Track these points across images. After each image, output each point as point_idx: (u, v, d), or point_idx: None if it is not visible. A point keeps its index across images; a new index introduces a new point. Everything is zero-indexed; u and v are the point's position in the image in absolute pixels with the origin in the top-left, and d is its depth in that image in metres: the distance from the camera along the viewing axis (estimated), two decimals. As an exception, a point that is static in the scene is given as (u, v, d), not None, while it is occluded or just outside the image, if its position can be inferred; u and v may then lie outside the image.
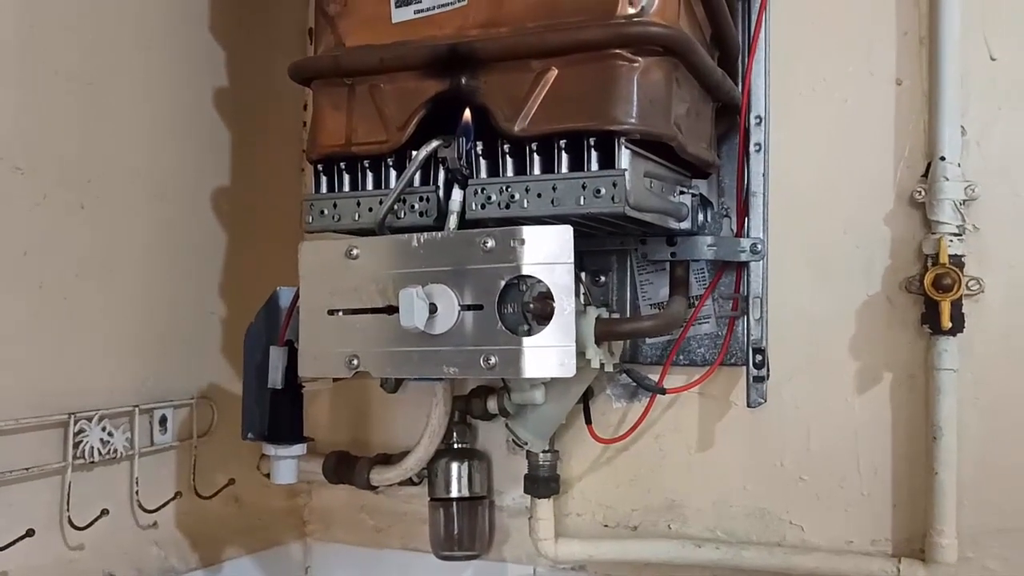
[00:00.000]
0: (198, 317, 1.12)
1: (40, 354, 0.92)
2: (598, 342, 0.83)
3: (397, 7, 0.88)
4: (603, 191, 0.78)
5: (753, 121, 0.99)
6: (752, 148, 0.99)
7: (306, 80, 0.93)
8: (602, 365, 0.86)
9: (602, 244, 1.02)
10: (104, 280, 0.99)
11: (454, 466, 1.12)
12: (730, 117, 1.00)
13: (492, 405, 1.08)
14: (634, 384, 1.07)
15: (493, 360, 0.77)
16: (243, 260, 1.17)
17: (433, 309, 0.77)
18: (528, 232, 0.76)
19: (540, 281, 0.76)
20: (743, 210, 1.00)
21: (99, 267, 0.98)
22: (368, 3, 0.88)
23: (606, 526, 1.11)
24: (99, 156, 0.98)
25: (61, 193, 0.94)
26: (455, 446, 1.13)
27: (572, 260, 0.76)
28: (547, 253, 0.76)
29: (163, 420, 1.05)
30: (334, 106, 0.90)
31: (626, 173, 0.77)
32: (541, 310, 0.76)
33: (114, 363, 1.00)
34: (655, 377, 1.01)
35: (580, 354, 0.82)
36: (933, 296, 0.91)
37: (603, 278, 1.08)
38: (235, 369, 1.14)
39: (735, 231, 1.02)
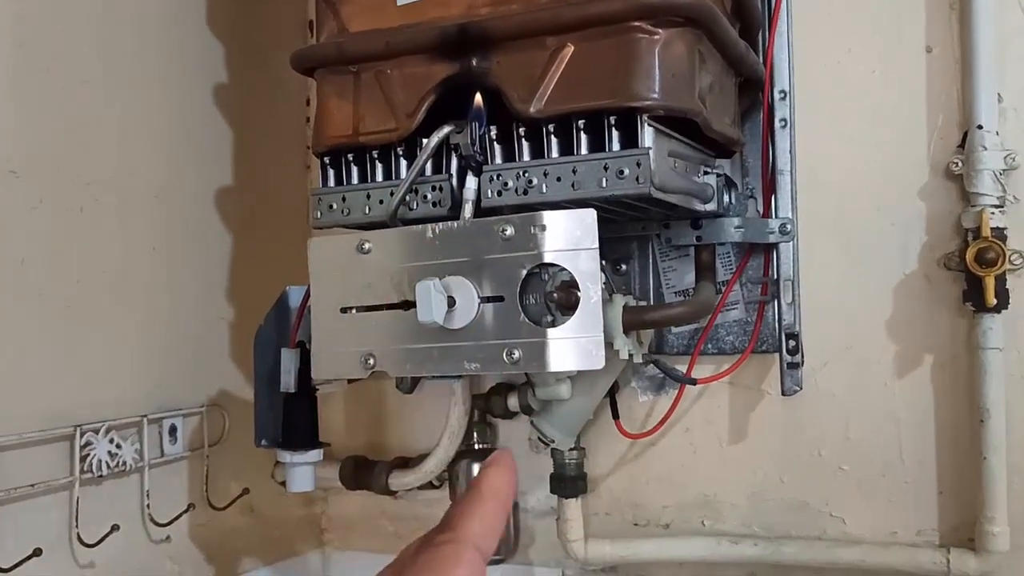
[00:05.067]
0: (205, 321, 1.08)
1: (42, 365, 0.88)
2: (626, 331, 0.79)
3: (402, -12, 0.84)
4: (627, 172, 0.74)
5: (777, 96, 0.95)
6: (777, 124, 0.95)
7: (309, 69, 0.88)
8: (631, 356, 0.81)
9: (622, 230, 0.98)
10: (107, 286, 0.95)
11: (476, 467, 1.08)
12: (752, 93, 0.95)
13: (513, 403, 1.04)
14: (661, 376, 1.03)
15: (517, 354, 0.72)
16: (250, 261, 1.13)
17: (451, 302, 0.73)
18: (549, 217, 0.72)
19: (563, 269, 0.72)
20: (769, 190, 0.96)
21: (101, 273, 0.94)
22: (372, -14, 0.85)
23: (636, 525, 1.07)
24: (97, 157, 0.94)
25: (58, 196, 0.90)
26: (476, 447, 1.09)
27: (597, 245, 0.71)
28: (570, 239, 0.72)
29: (173, 430, 1.01)
30: (339, 95, 0.86)
31: (650, 152, 0.73)
32: (565, 300, 0.72)
33: (120, 372, 0.96)
34: (682, 368, 0.97)
35: (608, 344, 0.78)
36: (976, 272, 0.87)
37: (624, 266, 1.03)
38: (246, 374, 1.10)
39: (761, 212, 0.97)
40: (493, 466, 0.43)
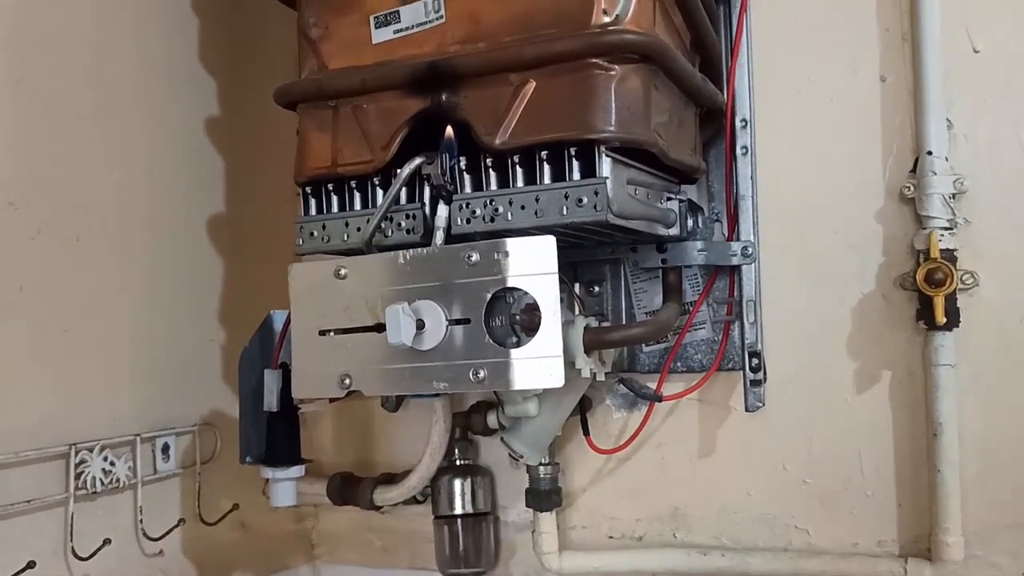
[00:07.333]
0: (198, 344, 1.12)
1: (40, 386, 0.93)
2: (587, 351, 0.83)
3: (377, 28, 0.88)
4: (585, 200, 0.78)
5: (739, 124, 0.99)
6: (739, 151, 0.99)
7: (291, 104, 0.93)
8: (593, 375, 0.85)
9: (595, 254, 1.02)
10: (103, 310, 1.00)
11: (457, 483, 1.11)
12: (716, 122, 1.00)
13: (492, 420, 1.07)
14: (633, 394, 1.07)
15: (482, 374, 0.76)
16: (241, 286, 1.17)
17: (421, 325, 0.78)
18: (512, 244, 0.76)
19: (527, 293, 0.76)
20: (733, 214, 1.00)
21: (97, 298, 0.99)
22: (349, 25, 0.89)
23: (611, 537, 1.10)
24: (93, 188, 0.99)
25: (56, 226, 0.95)
26: (457, 463, 1.13)
27: (556, 270, 0.76)
28: (531, 264, 0.76)
29: (165, 448, 1.06)
30: (319, 128, 0.91)
31: (607, 181, 0.77)
32: (528, 321, 0.76)
33: (115, 393, 1.01)
34: (653, 385, 1.00)
35: (569, 364, 0.82)
36: (926, 291, 0.91)
37: (597, 288, 1.07)
38: (237, 394, 1.14)
39: (726, 235, 1.02)
40: None
